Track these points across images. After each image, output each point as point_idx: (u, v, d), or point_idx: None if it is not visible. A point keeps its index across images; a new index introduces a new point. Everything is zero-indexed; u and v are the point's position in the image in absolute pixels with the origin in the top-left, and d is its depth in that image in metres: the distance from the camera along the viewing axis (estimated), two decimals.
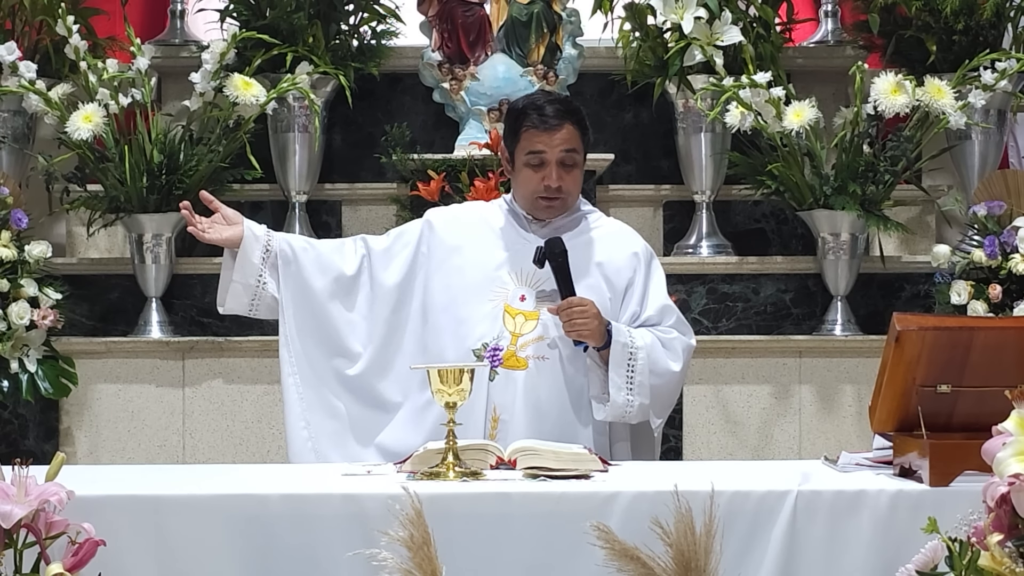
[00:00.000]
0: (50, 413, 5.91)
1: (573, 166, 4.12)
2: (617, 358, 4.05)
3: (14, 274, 5.72)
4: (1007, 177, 5.96)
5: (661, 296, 4.22)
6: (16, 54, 5.93)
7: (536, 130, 4.10)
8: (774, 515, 3.26)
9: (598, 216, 4.31)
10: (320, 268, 4.19)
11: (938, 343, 3.36)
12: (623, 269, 4.19)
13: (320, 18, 6.16)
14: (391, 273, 4.20)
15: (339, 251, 4.24)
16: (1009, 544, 2.88)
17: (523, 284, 4.13)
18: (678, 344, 4.15)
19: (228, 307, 4.20)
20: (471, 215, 4.31)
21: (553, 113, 4.10)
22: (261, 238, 4.16)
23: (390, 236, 4.28)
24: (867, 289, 6.12)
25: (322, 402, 4.17)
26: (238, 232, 4.15)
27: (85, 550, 2.93)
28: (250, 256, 4.14)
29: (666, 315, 4.19)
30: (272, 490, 3.33)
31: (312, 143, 6.17)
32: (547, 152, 4.09)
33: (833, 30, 6.81)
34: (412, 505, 2.87)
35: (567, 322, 4.02)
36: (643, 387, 4.07)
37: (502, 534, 3.23)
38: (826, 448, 5.50)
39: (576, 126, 4.13)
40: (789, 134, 5.87)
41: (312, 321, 4.18)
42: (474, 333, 4.07)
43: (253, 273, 4.15)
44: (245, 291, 4.16)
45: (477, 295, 4.12)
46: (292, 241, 4.21)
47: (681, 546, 2.86)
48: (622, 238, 4.28)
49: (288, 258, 4.17)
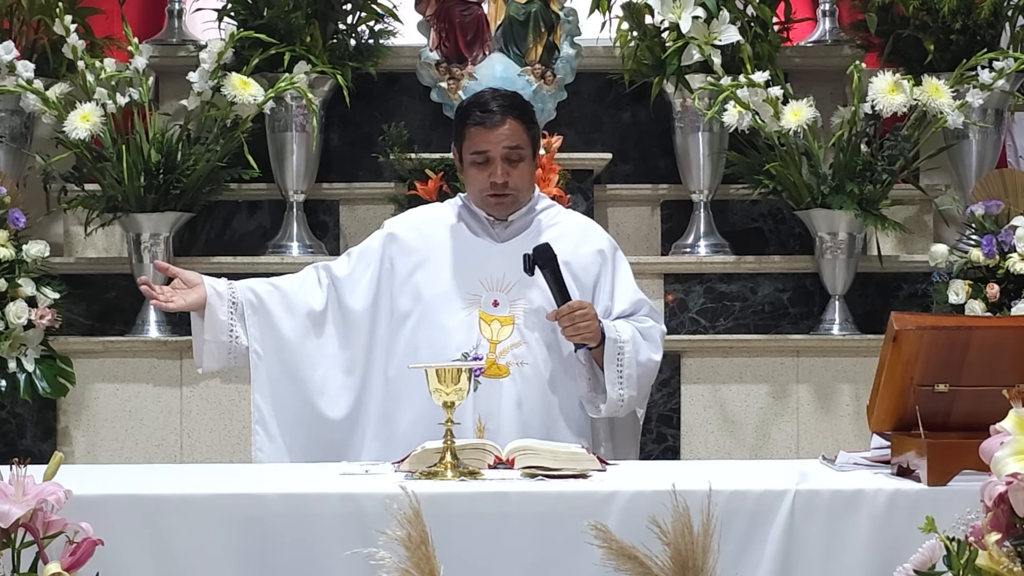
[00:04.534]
0: (48, 412, 5.91)
1: (519, 161, 4.11)
2: (609, 355, 4.06)
3: (12, 273, 5.72)
4: (1005, 176, 5.96)
5: (631, 288, 4.23)
6: (14, 53, 5.93)
7: (479, 127, 4.10)
8: (772, 514, 3.26)
9: (557, 211, 4.30)
10: (288, 309, 4.18)
11: (936, 342, 3.37)
12: (590, 266, 4.20)
13: (318, 17, 6.16)
14: (358, 298, 4.19)
15: (304, 287, 4.21)
16: (1007, 543, 2.88)
17: (494, 289, 4.13)
18: (655, 333, 4.18)
19: (207, 367, 4.19)
20: (431, 220, 4.28)
21: (495, 109, 4.10)
22: (224, 294, 4.14)
23: (351, 258, 4.25)
24: (865, 288, 6.12)
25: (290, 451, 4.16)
26: (201, 294, 4.12)
27: (83, 549, 2.93)
28: (217, 314, 4.12)
29: (640, 306, 4.22)
30: (270, 489, 3.33)
31: (310, 142, 6.16)
32: (491, 149, 4.09)
33: (831, 29, 6.81)
34: (410, 504, 2.87)
35: (570, 327, 4.00)
36: (631, 379, 4.09)
37: (500, 533, 3.23)
38: (824, 447, 5.50)
39: (519, 120, 4.11)
40: (787, 133, 5.87)
41: (286, 366, 4.16)
42: (451, 343, 4.06)
43: (224, 330, 4.13)
44: (219, 348, 4.15)
45: (449, 304, 4.11)
46: (256, 287, 4.18)
47: (679, 545, 2.86)
48: (585, 234, 4.27)
49: (255, 306, 4.16)
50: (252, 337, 4.14)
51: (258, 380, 4.15)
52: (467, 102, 4.21)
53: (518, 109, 4.14)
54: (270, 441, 4.15)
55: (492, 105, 4.11)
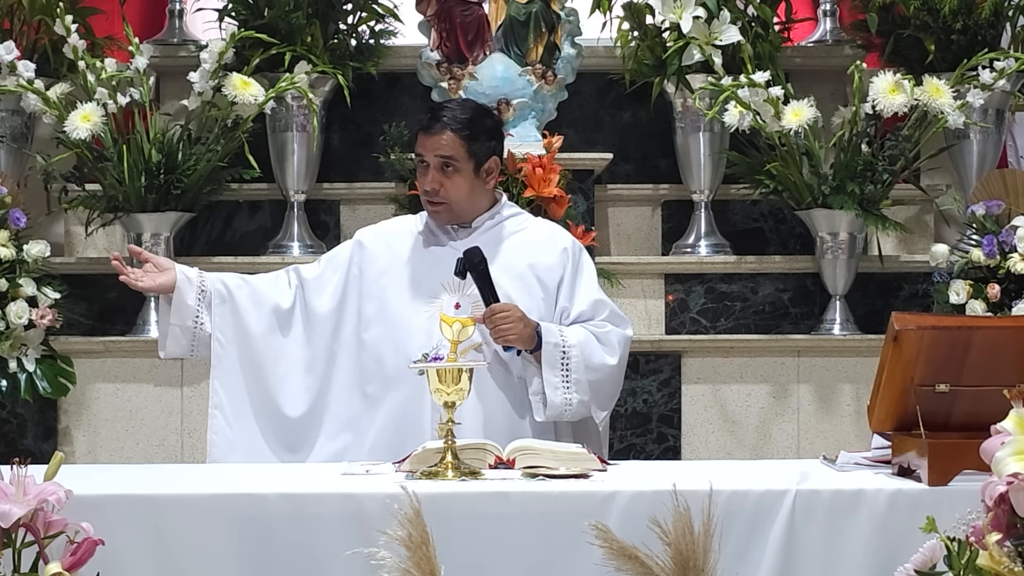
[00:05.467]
0: (48, 412, 5.91)
1: (454, 172, 4.17)
2: (549, 358, 4.08)
3: (12, 273, 5.72)
4: (1005, 176, 5.95)
5: (592, 291, 4.25)
6: (14, 53, 5.93)
7: (421, 132, 4.22)
8: (773, 514, 3.26)
9: (525, 218, 4.36)
10: (255, 303, 4.23)
11: (936, 342, 3.37)
12: (554, 267, 4.22)
13: (318, 17, 6.16)
14: (324, 300, 4.25)
15: (273, 285, 4.28)
16: (1007, 543, 2.88)
17: (456, 292, 4.17)
18: (613, 337, 4.17)
19: (169, 351, 4.24)
20: (397, 229, 4.36)
21: (440, 118, 4.19)
22: (194, 280, 4.20)
23: (321, 263, 4.33)
24: (865, 288, 6.12)
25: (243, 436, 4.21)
26: (171, 278, 4.18)
27: (83, 549, 2.93)
28: (185, 298, 4.17)
29: (599, 309, 4.22)
30: (270, 489, 3.33)
31: (310, 142, 6.16)
32: (425, 155, 4.19)
33: (831, 29, 6.81)
34: (411, 504, 2.88)
35: (493, 328, 4.06)
36: (580, 383, 4.09)
37: (501, 533, 3.23)
38: (824, 447, 5.50)
39: (458, 134, 4.17)
40: (787, 133, 5.87)
41: (248, 358, 4.22)
42: (413, 344, 4.07)
43: (190, 315, 4.18)
44: (183, 333, 4.20)
45: (411, 307, 4.17)
46: (226, 280, 4.24)
47: (679, 545, 2.86)
48: (551, 237, 4.31)
49: (223, 296, 4.21)
50: (216, 326, 4.19)
51: (219, 367, 4.21)
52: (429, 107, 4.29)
53: (462, 123, 4.19)
54: (228, 427, 4.20)
55: (442, 114, 4.21)
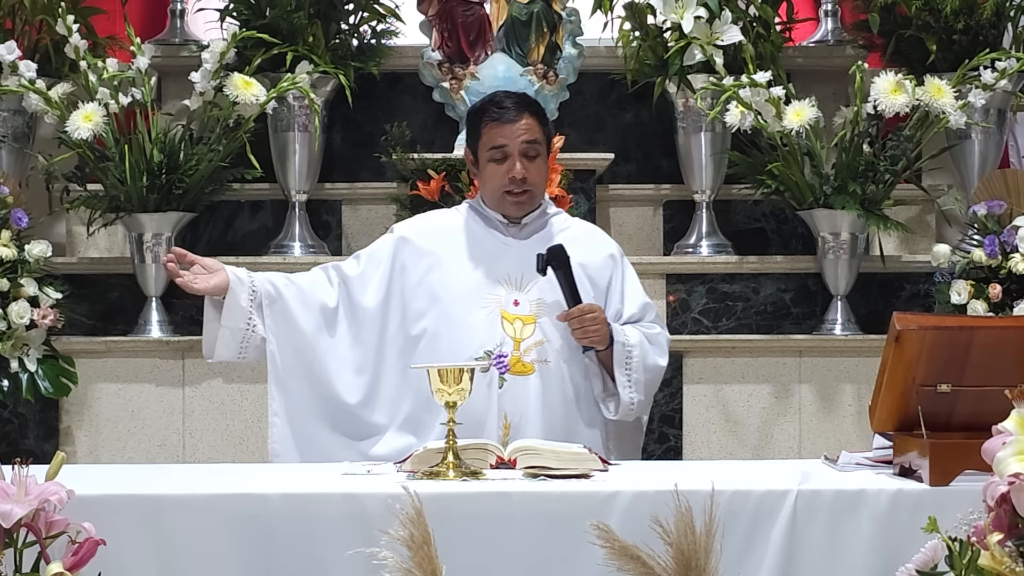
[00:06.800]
0: (50, 412, 5.91)
1: (536, 156, 4.15)
2: (619, 358, 4.11)
3: (14, 273, 5.72)
4: (1007, 176, 5.95)
5: (639, 292, 4.29)
6: (16, 53, 5.93)
7: (496, 123, 4.14)
8: (774, 514, 3.26)
9: (566, 217, 4.36)
10: (303, 303, 4.17)
11: (938, 343, 3.37)
12: (602, 269, 4.24)
13: (320, 17, 6.16)
14: (369, 297, 4.20)
15: (317, 284, 4.21)
16: (1009, 543, 2.88)
17: (514, 289, 4.15)
18: (662, 339, 4.24)
19: (218, 355, 4.16)
20: (440, 224, 4.31)
21: (511, 105, 4.15)
22: (245, 281, 4.13)
23: (360, 260, 4.26)
24: (867, 289, 6.12)
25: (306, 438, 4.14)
26: (223, 279, 4.10)
27: (85, 549, 2.93)
28: (238, 300, 4.10)
29: (647, 311, 4.27)
30: (272, 489, 3.33)
31: (312, 142, 6.16)
32: (508, 144, 4.13)
33: (833, 29, 6.81)
34: (412, 504, 2.88)
35: (579, 329, 4.05)
36: (639, 384, 4.14)
37: (502, 533, 3.23)
38: (826, 447, 5.50)
39: (535, 117, 4.17)
40: (789, 133, 5.87)
41: (300, 358, 4.15)
42: (474, 341, 4.07)
43: (243, 317, 4.11)
44: (233, 337, 4.12)
45: (468, 304, 4.13)
46: (274, 279, 4.18)
47: (681, 545, 2.86)
48: (595, 239, 4.33)
49: (272, 297, 4.14)
50: (269, 328, 4.12)
51: (275, 371, 4.13)
52: (480, 102, 4.25)
53: (533, 106, 4.20)
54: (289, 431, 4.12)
55: (507, 102, 4.17)
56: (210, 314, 4.15)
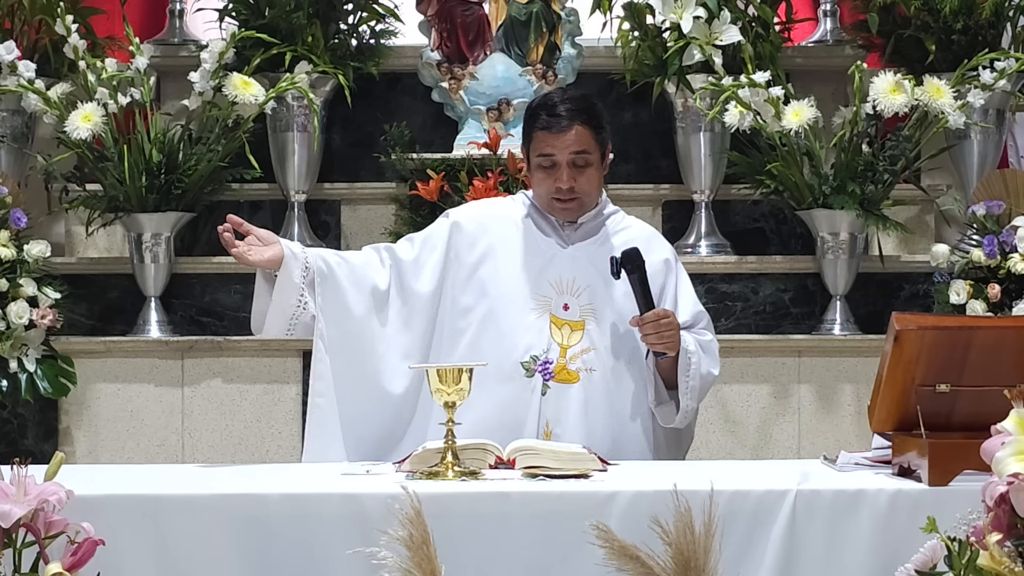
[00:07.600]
0: (49, 413, 5.91)
1: (585, 166, 4.03)
2: (682, 365, 4.01)
3: (13, 274, 5.72)
4: (1006, 176, 5.95)
5: (693, 299, 4.18)
6: (15, 53, 5.93)
7: (546, 132, 4.01)
8: (773, 514, 3.26)
9: (622, 216, 4.22)
10: (355, 283, 4.03)
11: (937, 343, 3.36)
12: (657, 274, 4.09)
13: (319, 17, 6.16)
14: (424, 282, 4.07)
15: (369, 264, 4.07)
16: (1008, 543, 2.88)
17: (565, 293, 4.03)
18: (714, 347, 4.13)
19: (267, 330, 4.01)
20: (496, 214, 4.17)
21: (563, 113, 4.01)
22: (299, 256, 3.97)
23: (415, 244, 4.12)
24: (866, 289, 6.12)
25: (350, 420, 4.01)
26: (278, 252, 3.95)
27: (84, 550, 2.93)
28: (291, 276, 3.95)
29: (699, 318, 4.17)
30: (271, 490, 3.33)
31: (311, 142, 6.17)
32: (556, 154, 4.00)
33: (832, 29, 6.80)
34: (411, 504, 2.88)
35: (653, 334, 3.93)
36: (694, 391, 4.04)
37: (501, 534, 3.23)
38: (825, 447, 5.50)
39: (587, 125, 4.03)
40: (788, 134, 5.87)
41: (350, 341, 4.01)
42: (520, 345, 3.98)
43: (295, 292, 3.95)
44: (284, 312, 3.97)
45: (518, 304, 4.02)
46: (326, 256, 4.03)
47: (680, 545, 2.86)
48: (651, 242, 4.17)
49: (324, 274, 3.99)
50: (319, 307, 3.97)
51: (321, 351, 3.99)
52: (535, 103, 4.10)
53: (586, 113, 4.05)
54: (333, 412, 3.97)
55: (560, 109, 4.02)
56: (261, 288, 4.00)
